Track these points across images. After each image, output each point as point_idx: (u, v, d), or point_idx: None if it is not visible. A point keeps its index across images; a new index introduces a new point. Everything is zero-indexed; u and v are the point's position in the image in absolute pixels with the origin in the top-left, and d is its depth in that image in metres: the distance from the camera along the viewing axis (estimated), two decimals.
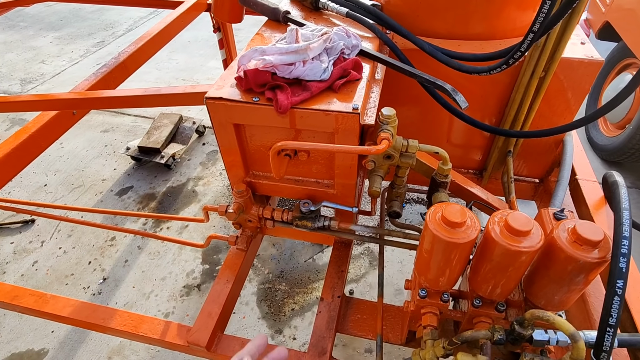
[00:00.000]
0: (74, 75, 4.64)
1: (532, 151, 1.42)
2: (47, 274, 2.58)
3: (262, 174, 1.17)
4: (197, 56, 5.03)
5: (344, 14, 1.27)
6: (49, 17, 6.24)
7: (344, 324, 1.15)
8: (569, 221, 0.76)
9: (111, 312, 1.16)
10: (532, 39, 0.77)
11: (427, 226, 0.78)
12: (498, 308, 0.87)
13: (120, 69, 2.07)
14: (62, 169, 3.37)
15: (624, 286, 0.66)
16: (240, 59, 0.97)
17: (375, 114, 0.98)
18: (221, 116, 1.00)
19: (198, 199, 3.07)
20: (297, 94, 0.95)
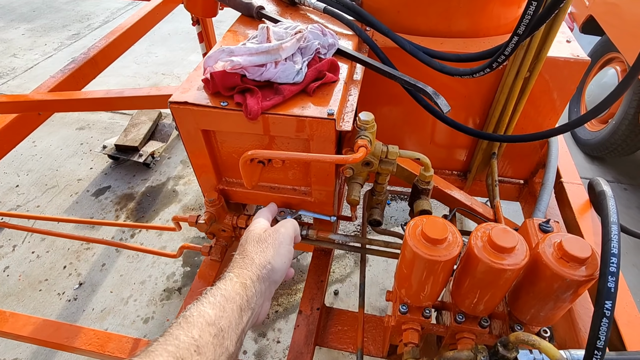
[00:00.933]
0: (47, 69, 4.46)
1: (517, 152, 1.38)
2: (19, 280, 2.47)
3: (236, 181, 1.11)
4: (177, 50, 4.88)
5: (321, 9, 1.20)
6: (20, 8, 5.97)
7: (324, 337, 1.10)
8: (555, 235, 0.72)
9: (75, 330, 1.09)
10: (517, 42, 0.72)
11: (407, 242, 0.73)
12: (482, 324, 0.83)
13: (90, 65, 1.95)
14: (35, 168, 3.23)
15: (613, 307, 0.62)
16: (206, 60, 0.90)
17: (352, 118, 0.92)
18: (188, 121, 0.93)
19: (179, 198, 2.98)
20: (269, 98, 0.88)
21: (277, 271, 0.71)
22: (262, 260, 0.70)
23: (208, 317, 0.52)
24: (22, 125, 1.68)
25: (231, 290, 0.59)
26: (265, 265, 0.69)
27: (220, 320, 0.53)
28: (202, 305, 0.55)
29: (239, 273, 0.65)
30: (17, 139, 1.71)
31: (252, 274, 0.66)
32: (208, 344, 0.49)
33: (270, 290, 0.70)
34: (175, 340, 0.47)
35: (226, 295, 0.58)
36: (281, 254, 0.74)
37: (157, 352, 0.45)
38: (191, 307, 0.55)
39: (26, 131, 1.74)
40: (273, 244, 0.75)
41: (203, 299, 0.57)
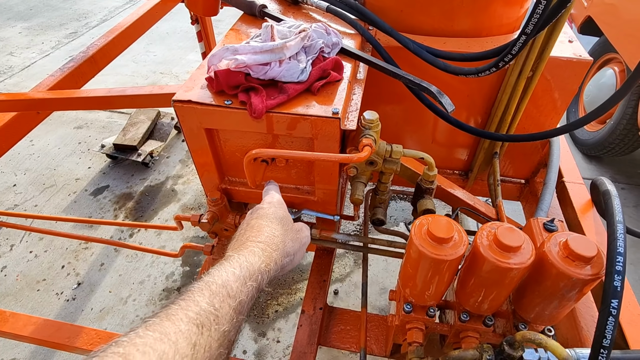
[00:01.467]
0: (44, 68, 4.43)
1: (519, 152, 1.39)
2: (17, 280, 2.45)
3: (239, 180, 1.10)
4: (175, 48, 4.87)
5: (324, 8, 1.20)
6: (17, 6, 5.93)
7: (326, 336, 1.10)
8: (560, 234, 0.72)
9: (77, 330, 1.08)
10: (525, 41, 0.72)
11: (412, 241, 0.73)
12: (486, 322, 0.83)
13: (89, 63, 1.94)
14: (33, 167, 3.21)
15: (619, 306, 0.62)
16: (210, 59, 0.90)
17: (357, 117, 0.91)
18: (191, 120, 0.92)
19: (178, 198, 2.97)
20: (273, 97, 0.88)
21: (292, 264, 0.72)
22: (290, 249, 0.70)
23: (230, 289, 0.52)
24: (20, 124, 1.66)
25: (256, 268, 0.59)
26: (290, 255, 0.70)
27: (240, 295, 0.53)
28: (226, 274, 0.54)
29: (267, 254, 0.64)
30: (15, 138, 1.70)
31: (278, 259, 0.65)
32: (226, 315, 0.49)
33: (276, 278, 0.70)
34: (196, 306, 0.47)
35: (250, 271, 0.58)
36: (301, 254, 0.75)
37: (178, 315, 0.45)
38: (214, 274, 0.55)
39: (24, 130, 1.73)
40: (301, 240, 0.75)
41: (228, 268, 0.56)
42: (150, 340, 0.41)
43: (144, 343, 0.40)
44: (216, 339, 0.46)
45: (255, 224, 0.70)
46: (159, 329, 0.43)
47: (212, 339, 0.46)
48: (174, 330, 0.43)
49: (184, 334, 0.43)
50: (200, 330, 0.45)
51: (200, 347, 0.44)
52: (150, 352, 0.39)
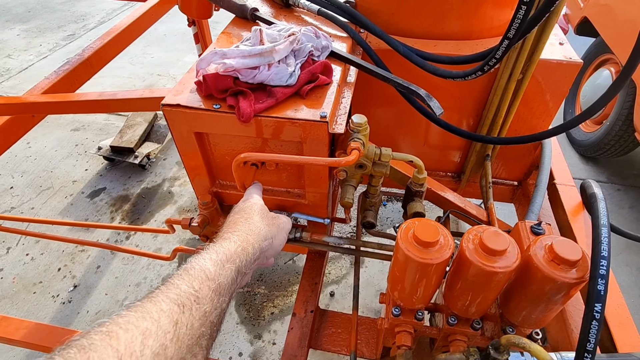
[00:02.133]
0: (42, 70, 4.44)
1: (511, 154, 1.39)
2: (13, 283, 2.46)
3: (230, 184, 1.10)
4: (173, 50, 4.87)
5: (315, 11, 1.20)
6: (15, 8, 5.94)
7: (317, 339, 1.10)
8: (546, 237, 0.73)
9: (68, 334, 1.08)
10: (508, 46, 0.72)
11: (399, 245, 0.73)
12: (474, 326, 0.83)
13: (85, 66, 1.95)
14: (30, 170, 3.22)
15: (603, 309, 0.62)
16: (199, 63, 0.90)
17: (345, 121, 0.92)
18: (180, 124, 0.93)
19: (174, 200, 2.97)
20: (262, 101, 0.88)
21: (273, 249, 0.75)
22: (266, 233, 0.73)
23: (208, 272, 0.54)
24: (15, 126, 1.66)
25: (233, 252, 0.62)
26: (268, 239, 0.73)
27: (219, 277, 0.55)
28: (203, 260, 0.56)
29: (243, 238, 0.67)
30: (10, 141, 1.70)
31: (255, 243, 0.68)
32: (206, 297, 0.51)
33: (258, 263, 0.72)
34: (176, 289, 0.49)
35: (227, 255, 0.60)
36: (281, 237, 0.79)
37: (158, 298, 0.46)
38: (192, 261, 0.56)
39: (20, 133, 1.73)
40: (277, 225, 0.80)
41: (205, 255, 0.58)
42: (133, 319, 0.42)
43: (127, 321, 0.41)
44: (197, 318, 0.48)
45: (232, 219, 0.75)
46: (141, 309, 0.44)
47: (194, 318, 0.47)
48: (156, 309, 0.44)
49: (166, 312, 0.45)
50: (181, 310, 0.46)
51: (182, 324, 0.45)
52: (133, 328, 0.40)
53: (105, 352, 0.37)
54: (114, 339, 0.39)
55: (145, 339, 0.40)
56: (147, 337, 0.41)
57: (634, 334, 0.84)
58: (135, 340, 0.40)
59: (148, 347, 0.40)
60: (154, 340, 0.41)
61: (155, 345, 0.41)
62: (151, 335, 0.41)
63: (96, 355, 0.36)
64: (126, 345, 0.39)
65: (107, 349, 0.37)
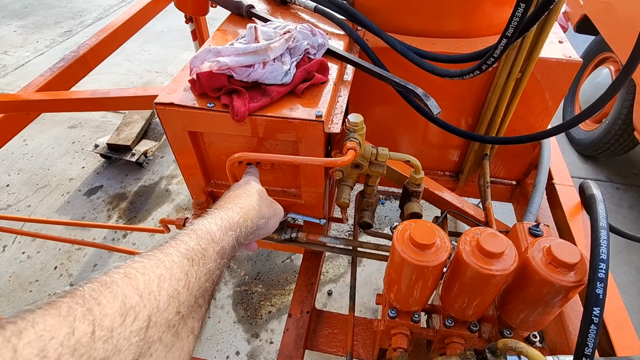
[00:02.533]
0: (38, 67, 4.40)
1: (509, 153, 1.38)
2: (9, 281, 2.44)
3: (225, 183, 1.09)
4: (170, 47, 4.84)
5: (312, 8, 1.18)
6: (12, 4, 5.90)
7: (313, 340, 1.09)
8: (544, 239, 0.71)
9: None
10: (506, 45, 0.71)
11: (395, 247, 0.72)
12: (471, 328, 0.82)
13: (80, 63, 1.92)
14: (26, 167, 3.20)
15: (601, 314, 0.61)
16: (193, 61, 0.88)
17: (342, 120, 0.90)
18: (174, 123, 0.91)
19: (172, 198, 2.96)
20: (256, 100, 0.86)
21: (265, 229, 0.78)
22: (264, 213, 0.76)
23: (214, 235, 0.57)
24: (9, 124, 1.65)
25: (235, 222, 0.65)
26: (265, 218, 0.76)
27: (222, 242, 0.58)
28: (209, 224, 0.59)
29: (244, 211, 0.69)
30: (5, 139, 1.68)
31: (254, 218, 0.71)
32: (211, 257, 0.54)
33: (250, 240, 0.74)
34: (185, 245, 0.52)
35: (230, 223, 0.63)
36: (274, 221, 0.82)
37: (169, 250, 0.49)
38: (199, 223, 0.60)
39: (14, 130, 1.71)
40: (274, 208, 0.83)
41: (210, 219, 0.61)
42: (148, 265, 0.45)
43: (143, 266, 0.44)
44: (204, 273, 0.51)
45: (232, 194, 0.76)
46: (154, 258, 0.47)
47: (201, 273, 0.51)
48: (168, 260, 0.47)
49: (177, 263, 0.48)
50: (190, 263, 0.50)
51: (191, 276, 0.48)
52: (150, 273, 0.44)
53: (127, 288, 0.40)
54: (132, 279, 0.41)
55: (160, 282, 0.44)
56: (162, 281, 0.44)
57: (632, 337, 0.83)
58: (152, 283, 0.43)
59: (164, 289, 0.43)
60: (168, 285, 0.44)
61: (170, 289, 0.44)
62: (166, 280, 0.44)
63: (119, 289, 0.39)
64: (144, 285, 0.42)
65: (128, 286, 0.40)
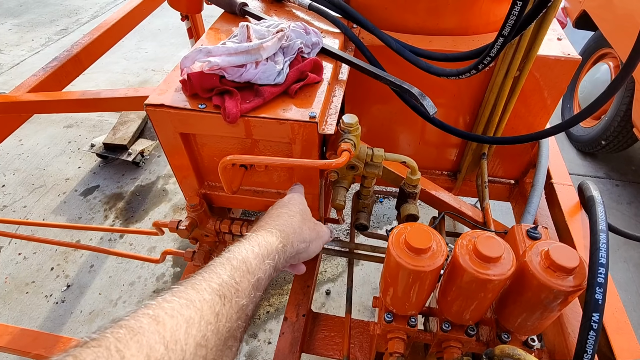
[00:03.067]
0: (34, 65, 4.37)
1: (507, 152, 1.36)
2: (5, 282, 2.43)
3: (219, 185, 1.07)
4: (167, 45, 4.81)
5: (306, 6, 1.16)
6: (7, 2, 5.85)
7: (310, 343, 1.08)
8: (542, 243, 0.70)
9: (54, 339, 1.05)
10: (503, 44, 0.69)
11: (390, 252, 0.70)
12: (468, 332, 0.81)
13: (74, 63, 1.90)
14: (22, 168, 3.17)
15: (600, 319, 0.60)
16: (183, 61, 0.86)
17: (336, 121, 0.88)
18: (165, 125, 0.89)
19: (168, 198, 2.94)
20: (248, 100, 0.85)
21: (306, 253, 0.74)
22: (307, 236, 0.72)
23: (249, 266, 0.55)
24: (3, 124, 1.63)
25: (274, 248, 0.62)
26: (306, 242, 0.72)
27: (258, 272, 0.56)
28: (245, 252, 0.58)
29: (284, 235, 0.66)
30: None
31: (294, 242, 0.68)
32: (245, 290, 0.52)
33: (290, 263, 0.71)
34: (218, 278, 0.50)
35: (268, 250, 0.61)
36: (316, 245, 0.77)
37: (202, 286, 0.48)
38: (235, 250, 0.58)
39: (8, 131, 1.69)
40: (317, 231, 0.78)
41: (247, 246, 0.59)
42: (177, 306, 0.43)
43: (172, 307, 0.43)
44: (236, 310, 0.49)
45: (274, 212, 0.74)
46: (185, 296, 0.45)
47: (233, 311, 0.49)
48: (199, 298, 0.46)
49: (208, 302, 0.46)
50: (222, 301, 0.48)
51: (222, 316, 0.47)
52: (178, 316, 0.42)
53: (153, 338, 0.38)
54: (160, 324, 0.40)
55: (189, 327, 0.42)
56: (191, 325, 0.42)
57: (632, 340, 0.82)
58: (180, 328, 0.41)
59: (192, 336, 0.42)
60: (197, 330, 0.42)
61: (199, 336, 0.42)
62: (194, 324, 0.43)
63: (144, 339, 0.38)
64: (172, 332, 0.40)
65: (155, 335, 0.39)
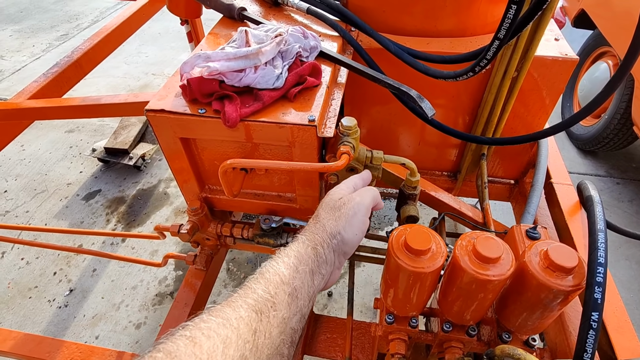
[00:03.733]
0: (35, 71, 4.39)
1: (507, 152, 1.36)
2: (8, 288, 2.44)
3: (219, 189, 1.08)
4: (168, 49, 4.82)
5: (304, 10, 1.17)
6: (7, 9, 5.87)
7: (312, 345, 1.08)
8: (541, 243, 0.70)
9: (57, 344, 1.06)
10: (499, 46, 0.70)
11: (390, 253, 0.71)
12: (469, 332, 0.81)
13: (74, 68, 1.91)
14: (24, 173, 3.18)
15: (600, 318, 0.60)
16: (183, 66, 0.87)
17: (335, 124, 0.89)
18: (165, 130, 0.90)
19: (170, 201, 2.95)
20: (248, 105, 0.85)
21: (347, 243, 0.68)
22: (333, 229, 0.67)
23: (283, 276, 0.54)
24: (4, 131, 1.64)
25: (304, 253, 0.61)
26: (336, 235, 0.67)
27: (293, 281, 0.55)
28: (277, 265, 0.57)
29: (311, 237, 0.65)
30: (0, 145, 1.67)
31: (323, 241, 0.66)
32: (283, 302, 0.51)
33: (340, 260, 0.69)
34: (253, 293, 0.49)
35: (299, 257, 0.59)
36: (353, 224, 0.69)
37: (237, 303, 0.48)
38: (267, 265, 0.57)
39: (10, 137, 1.70)
40: (346, 214, 0.69)
41: (277, 259, 0.58)
42: (214, 325, 0.43)
43: (209, 327, 0.43)
44: (275, 325, 0.49)
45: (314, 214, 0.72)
46: (222, 315, 0.45)
47: (272, 326, 0.48)
48: (235, 316, 0.45)
49: (244, 319, 0.46)
50: (259, 317, 0.47)
51: (260, 333, 0.46)
52: (215, 336, 0.42)
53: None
54: (197, 346, 0.40)
55: (225, 347, 0.42)
56: (228, 346, 0.42)
57: (632, 338, 0.82)
58: (216, 349, 0.41)
59: (229, 356, 0.42)
60: (234, 350, 0.42)
61: (236, 356, 0.42)
62: (231, 344, 0.42)
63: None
64: (208, 354, 0.40)
65: (191, 358, 0.39)
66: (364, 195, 0.73)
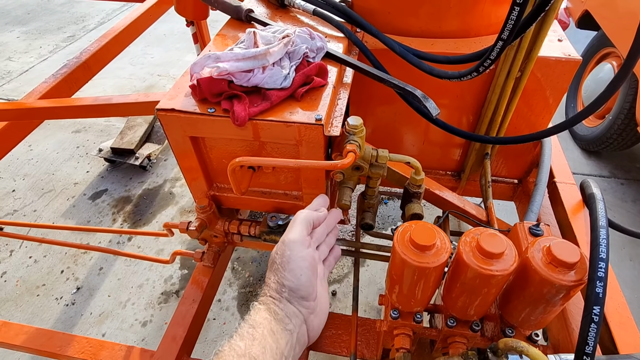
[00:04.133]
0: (43, 72, 4.44)
1: (511, 152, 1.38)
2: (16, 285, 2.47)
3: (227, 187, 1.10)
4: (173, 50, 4.86)
5: (310, 11, 1.19)
6: (15, 11, 5.94)
7: (317, 341, 1.10)
8: (544, 239, 0.72)
9: (68, 339, 1.08)
10: (502, 47, 0.71)
11: (395, 249, 0.72)
12: (473, 328, 0.83)
13: (83, 69, 1.94)
14: (31, 173, 3.23)
15: (601, 312, 0.61)
16: (192, 67, 0.89)
17: (341, 123, 0.91)
18: (175, 129, 0.92)
19: (176, 200, 2.98)
20: (256, 104, 0.87)
21: (297, 288, 0.67)
22: (276, 284, 0.67)
23: (238, 349, 0.55)
24: (14, 131, 1.67)
25: (258, 317, 0.61)
26: (281, 287, 0.67)
27: (251, 349, 0.55)
28: (232, 339, 0.57)
29: (262, 300, 0.66)
30: (10, 145, 1.71)
31: (273, 299, 0.66)
32: None
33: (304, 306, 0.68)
34: None
35: (253, 324, 0.60)
36: (292, 269, 0.68)
37: None
38: (224, 343, 0.58)
39: (18, 137, 1.73)
40: (281, 263, 0.69)
41: (234, 334, 0.59)
42: None
43: None
44: None
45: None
46: None
47: None
48: None
49: None
50: None
51: None
52: None
53: None
54: None
55: None
56: None
57: (634, 334, 0.83)
58: None
59: None
60: None
61: None
62: None
63: None
64: None
65: None
66: (290, 232, 0.73)
